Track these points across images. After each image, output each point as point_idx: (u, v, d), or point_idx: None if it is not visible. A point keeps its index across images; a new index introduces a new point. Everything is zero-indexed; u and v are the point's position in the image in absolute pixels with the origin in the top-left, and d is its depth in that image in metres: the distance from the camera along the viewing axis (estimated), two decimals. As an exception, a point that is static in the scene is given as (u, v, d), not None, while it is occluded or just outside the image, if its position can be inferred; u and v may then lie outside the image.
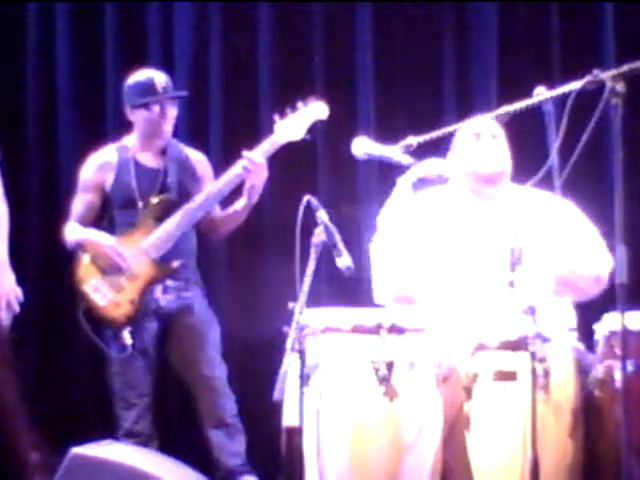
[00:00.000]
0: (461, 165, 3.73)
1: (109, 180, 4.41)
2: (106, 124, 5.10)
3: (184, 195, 4.35)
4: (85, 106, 5.25)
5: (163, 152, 4.44)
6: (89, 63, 5.25)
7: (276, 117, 4.32)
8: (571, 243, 3.57)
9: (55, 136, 5.28)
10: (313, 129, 4.38)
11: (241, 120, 5.04)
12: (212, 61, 5.14)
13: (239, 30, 5.14)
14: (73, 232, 4.41)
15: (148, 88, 4.35)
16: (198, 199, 4.31)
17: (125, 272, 4.28)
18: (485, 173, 3.67)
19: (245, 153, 4.26)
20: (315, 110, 4.36)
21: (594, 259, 3.58)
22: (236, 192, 4.37)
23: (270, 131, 4.34)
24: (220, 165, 4.49)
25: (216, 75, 5.13)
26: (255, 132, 4.66)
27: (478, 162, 3.67)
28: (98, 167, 4.43)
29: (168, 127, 4.40)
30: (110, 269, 4.29)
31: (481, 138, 3.68)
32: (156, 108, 4.35)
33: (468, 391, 3.14)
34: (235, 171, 4.27)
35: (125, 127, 4.47)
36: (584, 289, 3.58)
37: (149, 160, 4.44)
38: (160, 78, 4.38)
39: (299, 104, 4.32)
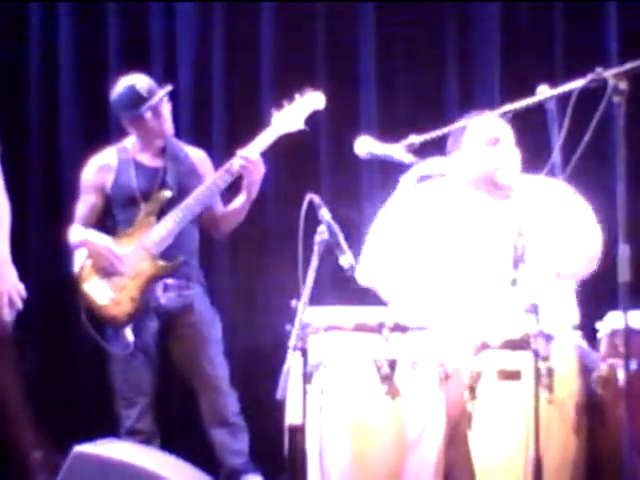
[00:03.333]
0: (476, 169, 3.61)
1: (109, 181, 4.42)
2: (108, 126, 5.09)
3: (184, 192, 4.36)
4: (87, 109, 5.25)
5: (162, 151, 4.44)
6: (91, 64, 5.25)
7: (273, 110, 4.33)
8: (564, 228, 3.52)
9: (57, 136, 5.28)
10: (311, 120, 4.38)
11: (244, 117, 5.04)
12: (214, 59, 5.14)
13: (241, 28, 5.14)
14: (75, 234, 4.42)
15: (133, 97, 4.35)
16: (195, 195, 4.32)
17: (122, 273, 4.28)
18: (503, 183, 3.57)
19: (239, 152, 4.27)
20: (312, 100, 4.36)
21: (585, 242, 3.53)
22: (237, 189, 4.37)
23: (272, 127, 4.35)
24: (223, 162, 4.49)
25: (219, 73, 5.13)
26: (258, 129, 4.65)
27: (497, 171, 3.57)
28: (98, 169, 4.45)
29: (168, 124, 4.41)
30: (108, 270, 4.30)
31: (500, 143, 3.58)
32: (148, 114, 4.36)
33: (472, 390, 3.14)
34: (231, 166, 4.28)
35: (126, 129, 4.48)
36: (577, 274, 3.55)
37: (148, 159, 4.45)
38: (140, 82, 4.36)
39: (296, 95, 4.33)
